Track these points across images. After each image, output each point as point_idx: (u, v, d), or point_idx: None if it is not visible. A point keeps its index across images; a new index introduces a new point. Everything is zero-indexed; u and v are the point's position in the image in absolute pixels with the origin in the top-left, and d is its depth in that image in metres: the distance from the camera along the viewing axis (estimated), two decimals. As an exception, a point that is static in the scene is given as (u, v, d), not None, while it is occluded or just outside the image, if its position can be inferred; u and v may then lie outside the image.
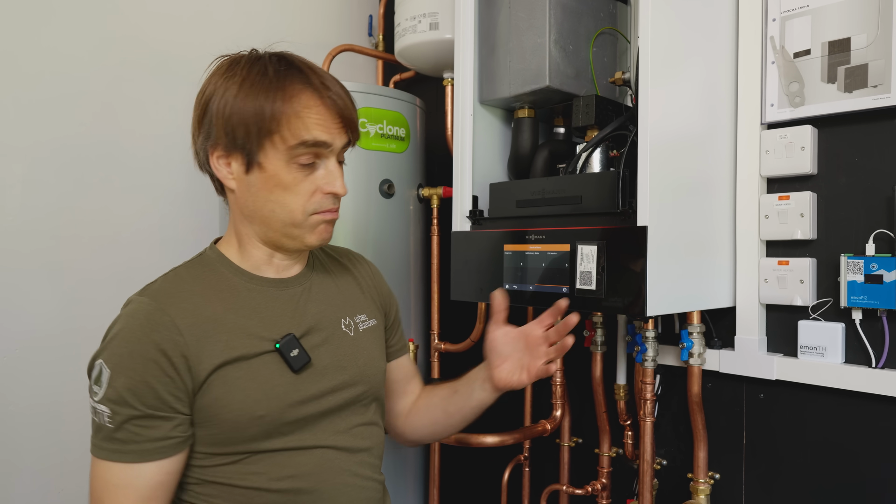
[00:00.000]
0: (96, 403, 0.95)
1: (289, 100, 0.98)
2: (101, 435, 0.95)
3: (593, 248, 1.24)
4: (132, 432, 0.94)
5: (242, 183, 1.02)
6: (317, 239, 1.06)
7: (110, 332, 0.99)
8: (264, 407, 1.00)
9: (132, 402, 0.94)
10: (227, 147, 1.00)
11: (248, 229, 1.06)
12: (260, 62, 1.01)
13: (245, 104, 0.97)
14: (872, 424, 1.30)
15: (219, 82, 1.01)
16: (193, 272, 1.06)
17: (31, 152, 1.71)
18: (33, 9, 1.71)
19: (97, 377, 0.96)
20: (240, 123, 0.97)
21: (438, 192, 1.94)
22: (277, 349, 1.02)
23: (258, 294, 1.06)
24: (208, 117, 1.01)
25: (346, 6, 2.42)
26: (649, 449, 1.53)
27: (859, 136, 1.31)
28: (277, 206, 1.02)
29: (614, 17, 1.52)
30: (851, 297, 1.27)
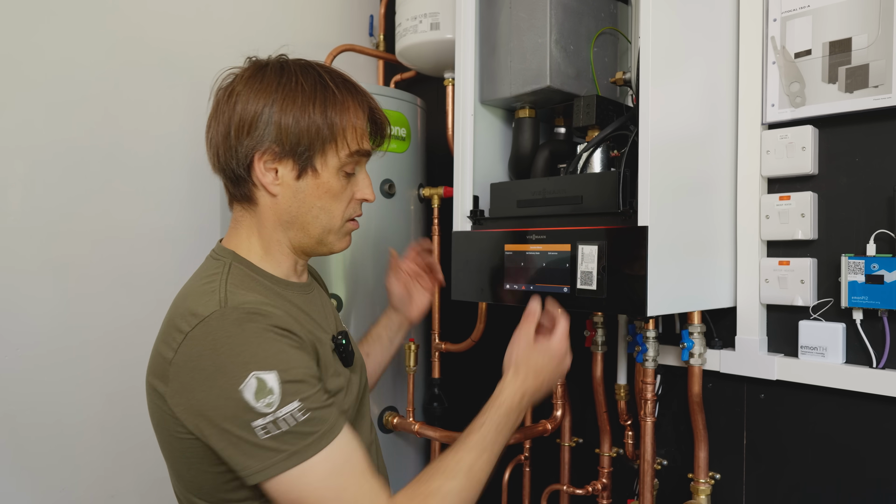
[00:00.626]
0: (276, 413, 0.88)
1: (347, 111, 1.03)
2: (297, 436, 0.89)
3: (594, 248, 1.24)
4: (326, 404, 0.93)
5: (289, 189, 1.03)
6: (343, 246, 1.12)
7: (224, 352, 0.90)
8: (347, 401, 1.05)
9: (311, 381, 0.93)
10: (279, 154, 1.01)
11: (280, 235, 1.07)
12: (311, 72, 1.05)
13: (306, 113, 1.00)
14: (873, 425, 1.30)
15: (270, 90, 1.01)
16: (243, 284, 1.01)
17: (32, 153, 1.71)
18: (34, 10, 1.71)
19: (259, 392, 0.88)
20: (301, 132, 1.00)
21: (439, 191, 1.94)
22: (343, 344, 1.07)
23: (295, 297, 1.08)
24: (261, 124, 1.00)
25: (347, 6, 2.42)
26: (650, 449, 1.53)
27: (860, 136, 1.31)
28: (322, 212, 1.05)
29: (615, 17, 1.52)
30: (852, 298, 1.27)
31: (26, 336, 1.71)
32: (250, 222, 1.07)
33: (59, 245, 1.76)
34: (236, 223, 1.09)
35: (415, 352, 1.90)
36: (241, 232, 1.08)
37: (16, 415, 1.69)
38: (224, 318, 0.92)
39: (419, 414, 1.97)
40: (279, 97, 1.00)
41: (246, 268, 1.05)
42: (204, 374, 0.90)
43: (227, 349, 0.90)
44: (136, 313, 1.85)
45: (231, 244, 1.08)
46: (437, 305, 1.99)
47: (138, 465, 1.85)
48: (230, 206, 1.11)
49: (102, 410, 1.82)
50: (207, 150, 1.07)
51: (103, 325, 1.82)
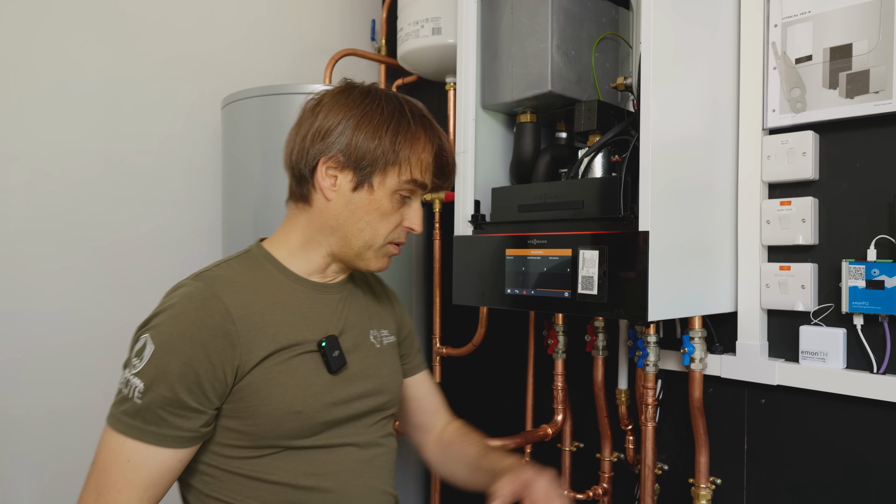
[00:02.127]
0: (131, 376, 0.96)
1: (416, 142, 1.10)
2: (125, 408, 0.96)
3: (595, 252, 1.24)
4: (158, 415, 0.95)
5: (343, 198, 1.08)
6: (379, 266, 1.15)
7: (161, 310, 1.00)
8: (301, 403, 1.04)
9: (172, 383, 0.95)
10: (343, 163, 1.07)
11: (322, 238, 1.11)
12: (394, 101, 1.12)
13: (378, 134, 1.06)
14: (874, 430, 1.30)
15: (352, 106, 1.08)
16: (245, 265, 1.10)
17: (34, 157, 1.72)
18: (37, 16, 1.72)
19: (139, 350, 0.97)
20: (368, 149, 1.06)
21: (440, 196, 1.94)
22: (322, 347, 1.08)
23: (302, 294, 1.11)
24: (335, 133, 1.07)
25: (349, 11, 2.43)
26: (650, 454, 1.53)
27: (861, 141, 1.31)
28: (368, 227, 1.09)
29: (616, 22, 1.52)
30: (853, 303, 1.27)
31: (27, 338, 1.71)
32: (299, 220, 1.12)
33: (60, 248, 1.76)
34: (287, 219, 1.15)
35: (416, 356, 1.90)
36: (286, 228, 1.14)
37: (18, 415, 1.70)
38: (180, 288, 1.02)
39: (420, 418, 1.96)
40: (357, 114, 1.07)
41: (263, 257, 1.11)
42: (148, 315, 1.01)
43: (160, 309, 1.00)
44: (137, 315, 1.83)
45: (269, 240, 1.16)
46: (439, 310, 1.99)
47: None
48: (287, 204, 1.16)
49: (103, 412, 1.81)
50: (284, 149, 1.14)
51: (104, 327, 1.82)
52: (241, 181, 1.83)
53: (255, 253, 1.12)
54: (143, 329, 0.99)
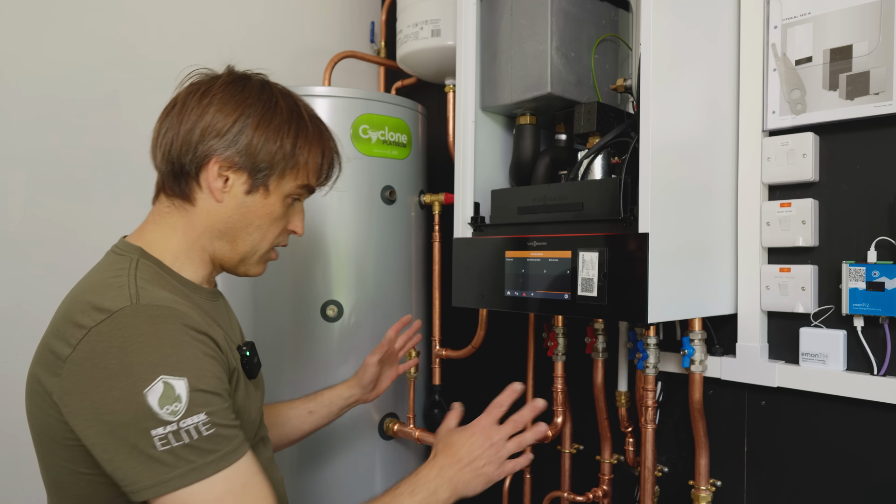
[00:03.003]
0: (181, 422, 0.83)
1: (315, 147, 1.06)
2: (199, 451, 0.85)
3: (595, 254, 1.24)
4: (233, 423, 0.90)
5: (234, 200, 1.02)
6: (258, 272, 1.11)
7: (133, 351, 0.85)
8: (253, 412, 1.04)
9: (222, 394, 0.90)
10: (238, 164, 1.00)
11: (206, 242, 1.04)
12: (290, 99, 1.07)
13: (279, 136, 1.01)
14: (874, 432, 1.30)
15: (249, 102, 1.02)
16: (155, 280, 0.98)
17: (33, 159, 1.72)
18: (36, 18, 1.72)
19: (164, 397, 0.83)
20: (270, 152, 1.01)
21: (440, 198, 1.94)
22: (248, 355, 1.06)
23: (203, 303, 1.05)
24: (232, 132, 1.00)
25: (349, 13, 2.43)
26: (650, 456, 1.52)
27: (861, 143, 1.31)
28: (258, 232, 1.05)
29: (616, 24, 1.52)
30: (853, 305, 1.27)
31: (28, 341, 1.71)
32: (177, 220, 1.04)
33: (60, 251, 1.76)
34: (159, 217, 1.06)
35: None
36: (161, 228, 1.05)
37: (18, 420, 1.69)
38: (136, 315, 0.87)
39: (420, 421, 1.96)
40: (256, 112, 1.01)
41: (154, 265, 1.01)
42: (106, 372, 0.84)
43: (136, 348, 0.84)
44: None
45: (141, 240, 1.04)
46: (438, 312, 1.99)
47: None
48: (156, 200, 1.08)
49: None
50: (156, 137, 1.06)
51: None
52: (240, 183, 1.83)
53: (145, 262, 1.00)
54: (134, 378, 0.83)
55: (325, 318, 1.75)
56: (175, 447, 0.83)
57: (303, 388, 1.73)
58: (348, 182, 1.75)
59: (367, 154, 1.79)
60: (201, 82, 1.05)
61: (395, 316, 1.88)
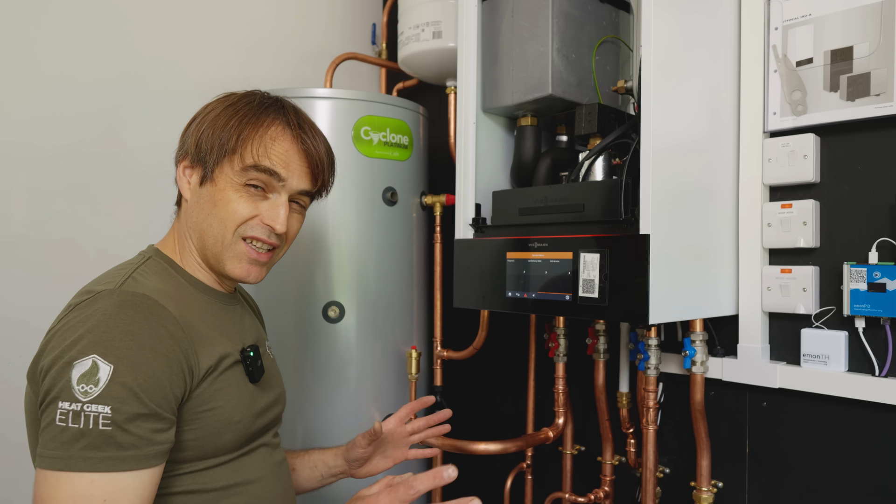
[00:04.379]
0: (87, 404, 0.83)
1: (258, 126, 1.05)
2: (85, 442, 0.83)
3: (596, 256, 1.24)
4: (135, 434, 0.85)
5: (195, 194, 1.07)
6: (239, 271, 1.07)
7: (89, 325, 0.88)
8: (240, 413, 1.03)
9: (143, 398, 0.86)
10: (192, 159, 1.07)
11: (186, 241, 1.10)
12: (252, 95, 1.10)
13: (219, 122, 1.05)
14: (876, 433, 1.30)
15: (210, 104, 1.10)
16: (158, 274, 1.03)
17: (36, 162, 1.72)
18: (37, 19, 1.72)
19: (86, 374, 0.84)
20: (208, 138, 1.05)
21: (441, 199, 1.94)
22: (250, 357, 1.07)
23: (212, 304, 1.09)
24: (188, 132, 1.09)
25: (350, 15, 2.43)
26: (652, 457, 1.52)
27: (862, 144, 1.31)
28: (215, 220, 1.05)
29: (617, 25, 1.53)
30: (854, 306, 1.27)
31: (29, 342, 1.71)
32: (176, 224, 1.13)
33: (61, 253, 1.76)
34: (171, 226, 1.15)
35: (417, 359, 1.90)
36: (170, 234, 1.13)
37: (17, 420, 1.69)
38: (109, 298, 0.91)
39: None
40: (208, 109, 1.08)
41: (166, 263, 1.08)
42: (61, 342, 0.88)
43: (91, 324, 0.88)
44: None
45: (161, 243, 1.13)
46: (440, 313, 1.99)
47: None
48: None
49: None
50: None
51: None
52: (241, 185, 1.83)
53: (157, 259, 1.07)
54: (75, 350, 0.86)
55: (326, 319, 1.76)
56: (69, 427, 0.83)
57: (304, 389, 1.73)
58: (349, 183, 1.75)
59: (369, 155, 1.79)
60: None
61: (396, 316, 1.89)
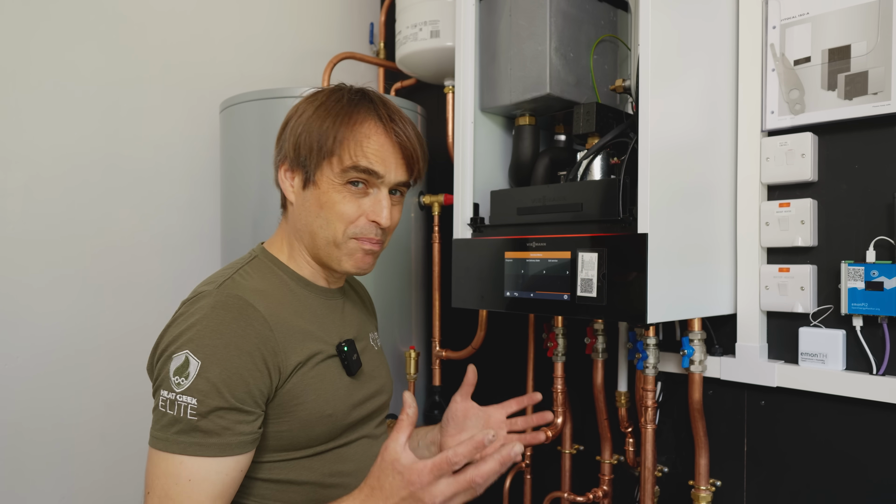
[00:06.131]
0: (179, 395, 0.92)
1: (352, 125, 1.05)
2: (178, 428, 0.92)
3: (594, 255, 1.24)
4: (218, 424, 0.92)
5: (299, 198, 1.09)
6: (353, 266, 1.10)
7: (191, 322, 0.96)
8: (332, 407, 1.05)
9: (224, 394, 0.93)
10: (292, 163, 1.08)
11: (297, 242, 1.12)
12: (339, 91, 1.09)
13: (313, 125, 1.05)
14: (874, 431, 1.30)
15: (300, 105, 1.09)
16: (260, 272, 1.09)
17: (32, 162, 1.72)
18: (35, 20, 1.72)
19: (180, 368, 0.94)
20: (306, 142, 1.05)
21: (439, 199, 1.94)
22: (345, 351, 1.09)
23: (314, 300, 1.12)
24: (284, 135, 1.09)
25: (348, 14, 2.43)
26: (650, 456, 1.52)
27: (860, 143, 1.31)
28: (324, 223, 1.07)
29: (615, 24, 1.53)
30: (852, 304, 1.27)
31: (27, 344, 1.71)
32: (284, 226, 1.15)
33: (59, 253, 1.76)
34: (279, 227, 1.17)
35: (415, 359, 1.90)
36: (278, 233, 1.16)
37: (16, 422, 1.69)
38: (208, 298, 0.99)
39: (420, 421, 1.96)
40: (300, 112, 1.08)
41: (270, 262, 1.11)
42: (168, 335, 0.98)
43: (189, 322, 0.97)
44: (137, 321, 1.85)
45: (268, 243, 1.16)
46: (438, 313, 1.99)
47: (138, 472, 1.85)
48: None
49: (102, 418, 1.82)
50: None
51: (103, 334, 1.82)
52: (239, 185, 1.83)
53: (262, 259, 1.12)
54: (174, 346, 0.96)
55: (324, 319, 1.75)
56: (167, 413, 0.93)
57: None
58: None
59: (367, 155, 1.79)
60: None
61: (394, 316, 1.89)
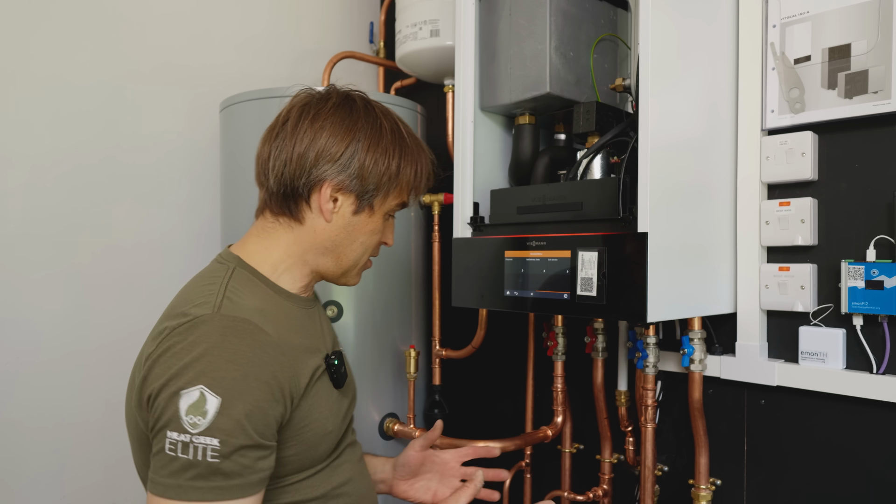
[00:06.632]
0: (196, 437, 0.84)
1: (417, 165, 1.10)
2: (194, 473, 0.84)
3: (594, 254, 1.24)
4: (240, 464, 0.86)
5: (342, 220, 1.06)
6: (357, 282, 1.15)
7: (199, 354, 0.88)
8: (331, 422, 1.04)
9: (248, 430, 0.87)
10: (347, 187, 1.04)
11: (311, 258, 1.08)
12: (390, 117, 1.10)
13: (386, 158, 1.05)
14: (874, 430, 1.30)
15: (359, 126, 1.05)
16: (247, 288, 1.01)
17: (32, 161, 1.72)
18: (35, 20, 1.72)
19: (194, 406, 0.85)
20: (377, 173, 1.04)
21: (439, 198, 1.94)
22: (335, 364, 1.07)
23: (298, 311, 1.08)
24: (345, 156, 1.03)
25: (348, 13, 2.43)
26: (650, 455, 1.52)
27: (860, 142, 1.31)
28: (361, 247, 1.09)
29: (615, 23, 1.52)
30: (852, 303, 1.27)
31: (27, 343, 1.71)
32: (282, 236, 1.07)
33: (59, 252, 1.76)
34: (263, 232, 1.08)
35: (415, 358, 1.90)
36: (265, 242, 1.07)
37: (16, 421, 1.69)
38: (211, 323, 0.91)
39: (420, 420, 1.96)
40: (366, 136, 1.04)
41: (251, 273, 1.04)
42: (167, 369, 0.88)
43: (196, 352, 0.88)
44: (137, 320, 1.85)
45: (242, 251, 1.07)
46: (438, 312, 1.99)
47: (138, 472, 1.85)
48: (260, 215, 1.10)
49: (103, 417, 1.82)
50: (265, 159, 1.06)
51: (104, 333, 1.82)
52: (239, 184, 1.83)
53: (242, 271, 1.04)
54: (180, 381, 0.87)
55: (324, 318, 1.75)
56: (178, 457, 0.85)
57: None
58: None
59: (367, 154, 1.79)
60: (310, 104, 1.06)
61: (394, 316, 1.89)
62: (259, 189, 1.10)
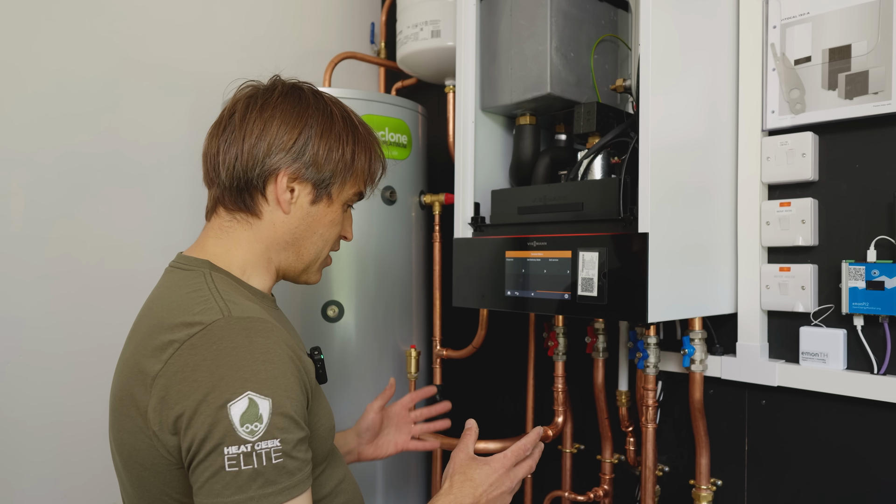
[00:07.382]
0: (257, 443, 0.81)
1: (371, 153, 1.10)
2: (262, 481, 0.81)
3: (595, 254, 1.24)
4: (300, 458, 0.86)
5: (301, 211, 1.04)
6: (317, 279, 1.14)
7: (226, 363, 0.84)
8: (331, 418, 1.05)
9: (299, 423, 0.87)
10: (303, 175, 1.02)
11: (273, 254, 1.06)
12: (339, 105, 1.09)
13: (340, 145, 1.04)
14: (874, 431, 1.30)
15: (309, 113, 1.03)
16: (231, 289, 0.97)
17: (33, 160, 1.72)
18: (35, 18, 1.72)
19: (247, 414, 0.82)
20: (333, 160, 1.03)
21: (440, 198, 1.94)
22: (321, 359, 1.08)
23: (273, 311, 1.07)
24: (298, 144, 1.01)
25: (349, 14, 2.43)
26: (651, 455, 1.53)
27: (860, 142, 1.31)
28: (321, 239, 1.08)
29: (615, 24, 1.53)
30: (853, 304, 1.27)
31: (27, 342, 1.71)
32: (241, 234, 1.04)
33: (60, 253, 1.76)
34: (220, 232, 1.05)
35: (416, 358, 1.90)
36: (225, 242, 1.04)
37: (16, 421, 1.69)
38: (230, 327, 0.87)
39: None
40: (317, 123, 1.03)
41: (225, 275, 1.01)
42: (197, 384, 0.84)
43: (229, 361, 0.84)
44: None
45: (204, 254, 1.03)
46: (439, 312, 1.99)
47: (140, 472, 1.85)
48: (212, 214, 1.07)
49: (103, 417, 1.81)
50: (214, 154, 1.04)
51: (104, 333, 1.82)
52: (240, 184, 1.83)
53: (218, 273, 1.00)
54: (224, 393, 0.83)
55: (325, 318, 1.76)
56: (242, 470, 0.81)
57: (304, 388, 1.73)
58: (349, 183, 1.75)
59: (368, 155, 1.79)
60: (256, 95, 1.04)
61: (395, 316, 1.89)
62: (209, 188, 1.08)
